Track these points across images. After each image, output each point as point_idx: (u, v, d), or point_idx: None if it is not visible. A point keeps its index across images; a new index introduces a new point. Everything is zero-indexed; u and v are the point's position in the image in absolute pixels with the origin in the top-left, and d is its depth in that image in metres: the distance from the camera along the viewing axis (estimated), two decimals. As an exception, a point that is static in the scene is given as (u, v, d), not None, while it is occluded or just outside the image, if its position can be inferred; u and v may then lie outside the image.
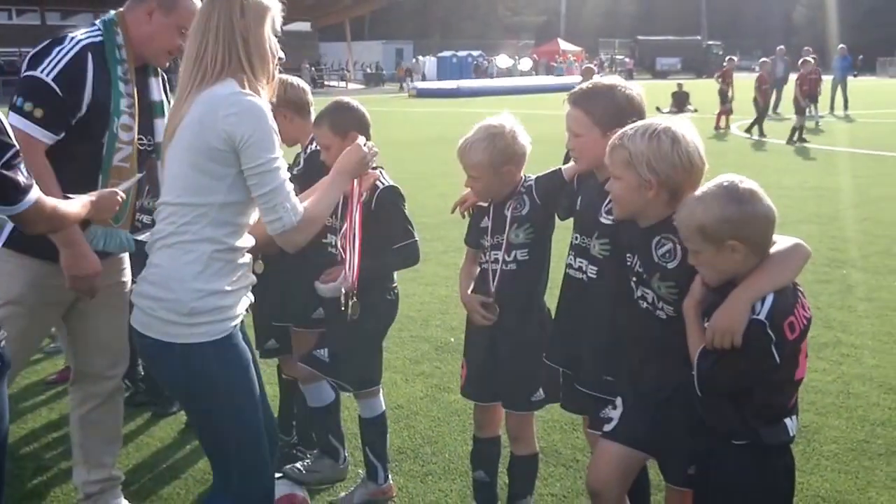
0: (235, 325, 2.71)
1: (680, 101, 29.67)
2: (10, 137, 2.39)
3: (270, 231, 2.66)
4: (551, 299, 3.44)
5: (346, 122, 3.65)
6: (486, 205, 3.43)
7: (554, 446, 4.49)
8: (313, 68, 55.11)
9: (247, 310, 2.80)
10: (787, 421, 2.54)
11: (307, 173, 3.80)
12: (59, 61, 3.15)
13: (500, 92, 38.89)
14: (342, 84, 51.30)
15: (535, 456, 3.64)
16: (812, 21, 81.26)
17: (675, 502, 2.90)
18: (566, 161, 3.42)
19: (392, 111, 31.47)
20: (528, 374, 3.40)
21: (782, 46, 28.17)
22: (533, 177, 3.38)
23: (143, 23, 3.34)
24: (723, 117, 22.64)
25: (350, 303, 3.49)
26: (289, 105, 3.93)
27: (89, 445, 3.70)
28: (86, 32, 3.30)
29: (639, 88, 3.09)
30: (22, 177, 2.39)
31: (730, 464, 2.55)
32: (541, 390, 3.41)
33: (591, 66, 19.85)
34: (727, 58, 24.18)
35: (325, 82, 51.99)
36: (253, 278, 2.80)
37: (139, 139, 3.38)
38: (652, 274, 2.74)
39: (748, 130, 21.34)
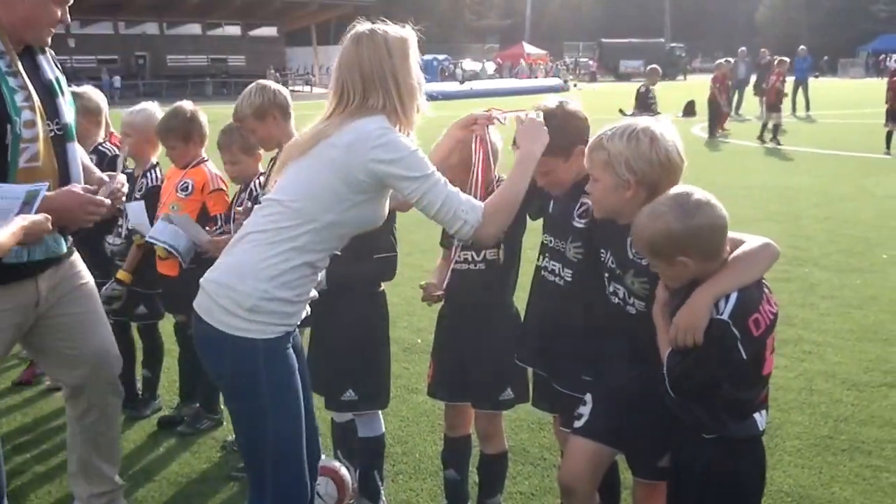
0: (289, 332, 2.71)
1: (643, 103, 29.88)
2: None
3: (461, 237, 2.72)
4: (519, 302, 3.49)
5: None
6: None
7: (522, 445, 4.52)
8: (278, 73, 54.90)
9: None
10: (757, 415, 2.58)
11: None
12: None
13: (465, 95, 38.92)
14: (307, 88, 51.10)
15: (504, 455, 3.67)
16: (774, 22, 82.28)
17: (644, 496, 2.95)
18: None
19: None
20: (496, 374, 3.42)
21: (744, 48, 28.50)
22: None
23: (16, 4, 3.08)
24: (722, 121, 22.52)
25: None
26: (277, 107, 3.94)
27: (90, 458, 3.59)
28: None
29: (576, 103, 3.14)
30: None
31: (701, 457, 2.59)
32: (509, 389, 3.44)
33: (656, 66, 19.38)
34: (717, 61, 24.13)
35: (291, 87, 51.75)
36: (315, 293, 2.81)
37: (47, 126, 3.15)
38: (626, 270, 2.79)
39: (710, 132, 21.56)
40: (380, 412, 3.81)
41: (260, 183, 4.16)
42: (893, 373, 5.47)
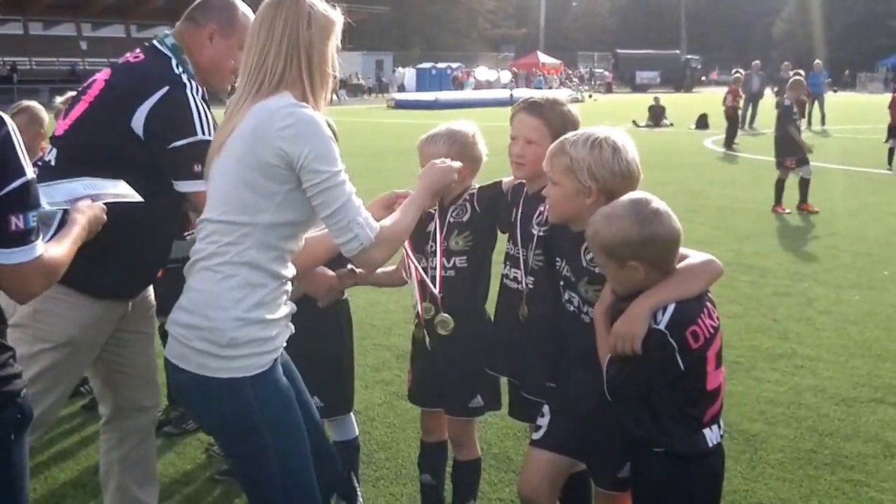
0: (276, 358, 2.50)
1: (656, 115, 29.96)
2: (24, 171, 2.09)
3: (346, 252, 2.50)
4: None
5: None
6: (433, 210, 3.47)
7: (506, 452, 4.54)
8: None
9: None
10: (707, 431, 2.58)
11: None
12: (205, 111, 2.94)
13: (478, 104, 39.02)
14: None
15: (477, 461, 3.68)
16: (792, 35, 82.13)
17: None
18: None
19: (370, 122, 31.55)
20: (466, 382, 3.45)
21: (758, 61, 28.49)
22: (477, 186, 3.44)
23: (205, 47, 3.08)
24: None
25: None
26: None
27: (129, 488, 3.41)
28: (173, 65, 3.01)
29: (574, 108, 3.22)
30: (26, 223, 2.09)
31: (653, 470, 2.60)
32: (479, 397, 3.46)
33: (799, 75, 18.86)
34: (735, 74, 24.18)
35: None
36: (293, 307, 2.59)
37: None
38: (580, 278, 2.81)
39: (725, 145, 21.54)
40: (352, 415, 3.86)
41: None
42: (883, 388, 5.47)
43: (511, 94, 42.73)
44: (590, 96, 51.55)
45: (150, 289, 3.41)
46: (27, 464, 2.23)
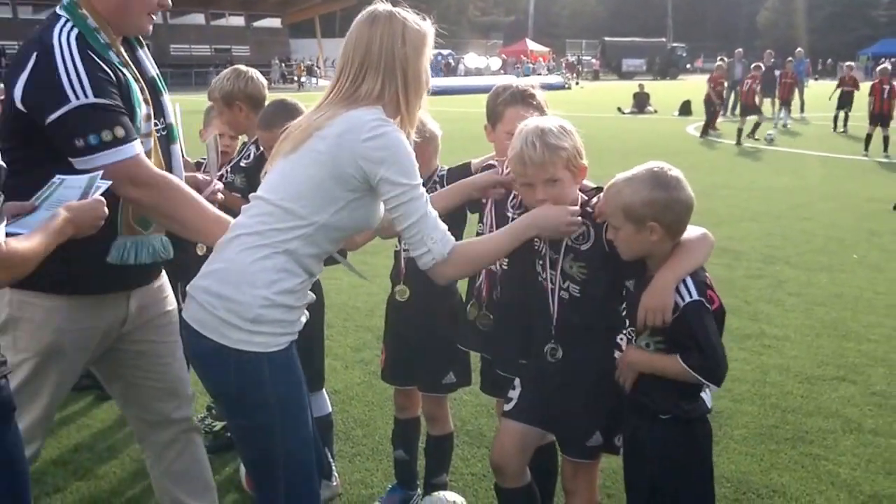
0: (292, 341, 2.57)
1: (641, 102, 30.14)
2: None
3: (421, 265, 2.57)
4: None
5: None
6: None
7: (480, 429, 4.69)
8: (283, 64, 55.00)
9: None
10: (703, 395, 2.76)
11: (257, 167, 3.83)
12: (78, 73, 2.60)
13: (467, 91, 39.02)
14: (313, 80, 51.11)
15: (449, 436, 3.83)
16: (776, 24, 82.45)
17: (572, 474, 3.09)
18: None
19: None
20: (440, 359, 3.59)
21: (740, 49, 28.72)
22: (446, 167, 3.56)
23: None
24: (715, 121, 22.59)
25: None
26: (246, 98, 4.05)
27: (183, 500, 3.25)
28: (56, 27, 2.71)
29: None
30: None
31: (658, 437, 2.74)
32: (451, 374, 3.60)
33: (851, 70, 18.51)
34: (718, 62, 24.48)
35: (295, 78, 51.88)
36: (312, 296, 2.64)
37: (155, 124, 2.89)
38: (565, 256, 2.92)
39: (703, 131, 21.74)
40: (324, 392, 4.00)
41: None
42: (846, 367, 5.65)
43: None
44: (577, 83, 51.65)
45: (167, 294, 3.17)
46: (19, 452, 2.17)
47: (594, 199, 2.90)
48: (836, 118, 22.40)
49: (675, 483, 2.75)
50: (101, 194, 2.41)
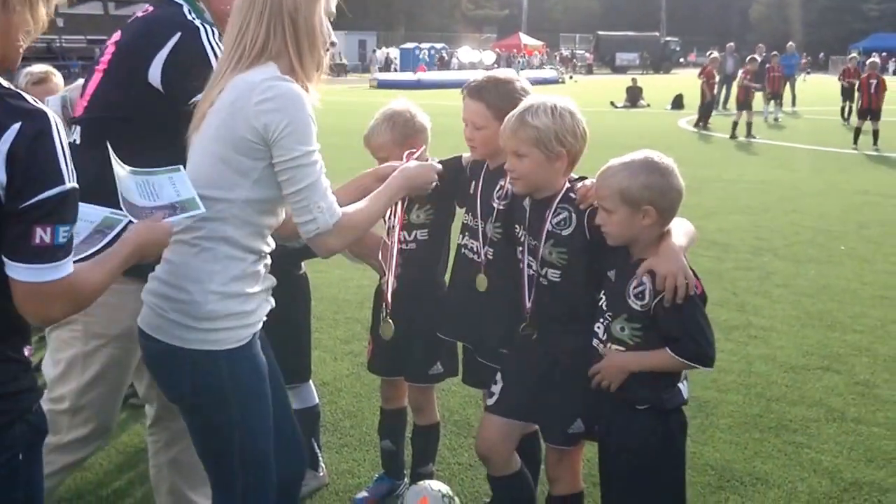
0: (254, 333, 2.46)
1: (633, 96, 30.20)
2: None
3: (303, 233, 2.39)
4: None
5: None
6: None
7: (468, 419, 4.73)
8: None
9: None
10: (680, 385, 2.80)
11: None
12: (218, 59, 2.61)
13: (462, 85, 38.88)
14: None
15: (436, 426, 3.87)
16: (768, 18, 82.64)
17: (556, 460, 3.14)
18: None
19: (352, 101, 31.52)
20: (427, 350, 3.61)
21: (732, 43, 28.75)
22: (436, 159, 3.59)
23: None
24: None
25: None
26: None
27: (182, 491, 3.31)
28: (184, 11, 2.77)
29: (528, 83, 3.31)
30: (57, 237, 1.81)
31: (635, 427, 2.79)
32: (439, 364, 3.63)
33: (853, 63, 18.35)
34: (711, 56, 24.65)
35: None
36: (273, 280, 2.54)
37: None
38: (546, 241, 2.95)
39: (696, 125, 21.82)
40: (311, 383, 4.01)
41: None
42: (830, 357, 5.71)
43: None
44: (570, 77, 51.69)
45: None
46: (41, 482, 2.08)
47: (578, 185, 2.94)
48: (842, 109, 22.57)
49: (649, 473, 2.78)
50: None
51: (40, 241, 1.78)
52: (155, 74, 2.66)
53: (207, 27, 2.74)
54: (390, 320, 3.21)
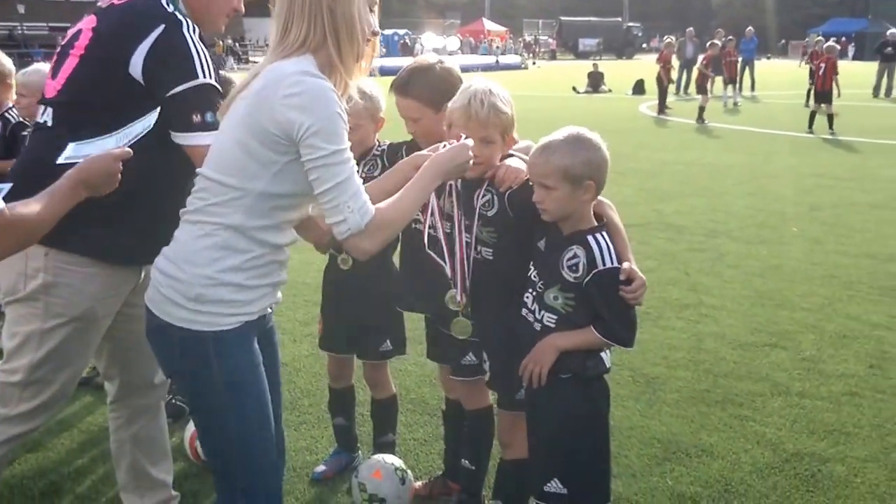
0: (247, 321, 2.41)
1: (595, 82, 30.38)
2: None
3: (336, 234, 2.32)
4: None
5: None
6: None
7: (423, 397, 4.83)
8: (237, 44, 54.42)
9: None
10: (602, 354, 2.90)
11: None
12: (203, 52, 2.71)
13: (464, 70, 38.81)
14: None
15: (393, 397, 3.99)
16: (730, 4, 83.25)
17: (508, 424, 3.27)
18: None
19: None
20: (377, 328, 3.74)
21: (691, 28, 29.00)
22: (387, 142, 3.66)
23: None
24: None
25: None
26: None
27: (143, 466, 3.37)
28: (164, 4, 2.78)
29: (453, 61, 3.38)
30: None
31: (559, 394, 2.88)
32: (388, 341, 3.76)
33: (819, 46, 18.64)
34: (666, 41, 24.85)
35: (250, 58, 51.40)
36: (284, 277, 2.49)
37: None
38: (474, 221, 3.08)
39: (660, 109, 22.05)
40: None
41: None
42: (778, 334, 5.87)
43: (497, 60, 43.01)
44: (534, 63, 51.80)
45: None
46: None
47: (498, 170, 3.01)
48: (808, 92, 22.70)
49: (573, 439, 2.89)
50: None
51: None
52: (136, 65, 2.67)
53: (188, 20, 2.76)
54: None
